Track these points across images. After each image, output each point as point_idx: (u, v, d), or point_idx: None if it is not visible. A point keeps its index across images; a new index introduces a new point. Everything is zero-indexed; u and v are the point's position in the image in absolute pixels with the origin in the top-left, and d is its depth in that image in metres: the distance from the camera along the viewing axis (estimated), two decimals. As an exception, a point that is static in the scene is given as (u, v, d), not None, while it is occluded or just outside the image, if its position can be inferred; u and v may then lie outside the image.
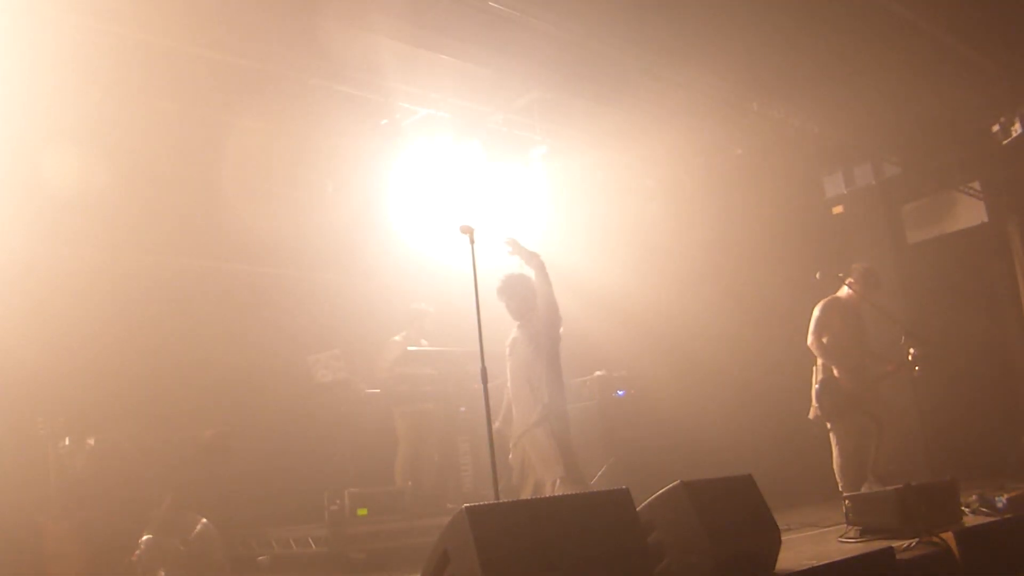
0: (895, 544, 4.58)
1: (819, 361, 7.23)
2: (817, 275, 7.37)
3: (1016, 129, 9.30)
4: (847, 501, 5.57)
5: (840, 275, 7.35)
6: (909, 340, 6.99)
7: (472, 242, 5.58)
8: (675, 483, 3.83)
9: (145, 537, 6.31)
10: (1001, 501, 5.71)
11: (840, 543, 5.07)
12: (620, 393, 9.04)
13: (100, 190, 7.34)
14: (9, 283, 6.89)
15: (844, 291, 7.32)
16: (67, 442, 6.70)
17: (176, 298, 8.11)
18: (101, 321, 7.43)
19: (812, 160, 10.45)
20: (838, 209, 11.36)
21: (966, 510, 5.72)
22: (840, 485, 7.01)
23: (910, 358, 6.91)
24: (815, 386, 7.18)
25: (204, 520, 6.69)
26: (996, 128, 9.54)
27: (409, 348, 8.16)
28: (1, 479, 6.36)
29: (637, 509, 3.66)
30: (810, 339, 7.23)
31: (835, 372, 7.06)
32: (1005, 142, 9.47)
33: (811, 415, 7.24)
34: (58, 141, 7.00)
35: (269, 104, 7.80)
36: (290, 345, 8.46)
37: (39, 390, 6.81)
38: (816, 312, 7.27)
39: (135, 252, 8.01)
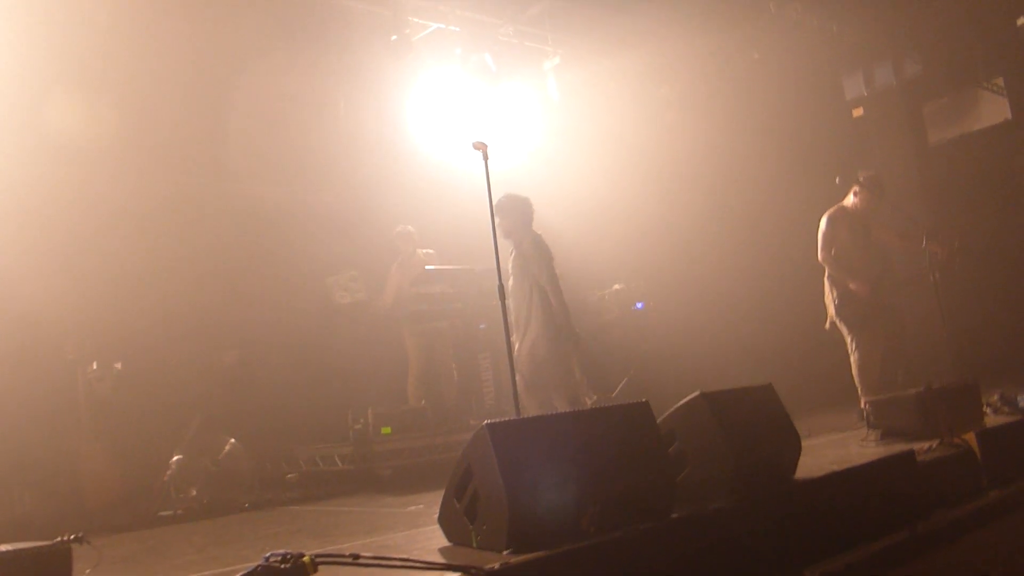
0: (916, 447, 4.60)
1: (828, 272, 7.15)
2: (837, 180, 7.23)
3: (1042, 22, 8.99)
4: (867, 405, 5.58)
5: (859, 176, 7.20)
6: (931, 242, 6.89)
7: (485, 158, 5.49)
8: (695, 393, 3.84)
9: (176, 457, 6.47)
10: (1023, 399, 5.70)
11: (861, 447, 5.11)
12: (639, 306, 9.04)
13: (122, 118, 7.30)
14: (37, 211, 6.90)
15: (850, 200, 7.17)
16: (95, 366, 6.82)
17: (197, 222, 8.11)
18: (125, 247, 7.47)
19: (831, 62, 10.19)
20: (858, 111, 11.11)
21: (988, 410, 5.72)
22: (860, 390, 7.03)
23: (931, 260, 6.82)
24: (832, 299, 7.11)
25: (233, 440, 6.84)
26: (1021, 22, 9.20)
27: (428, 268, 8.14)
28: (34, 403, 6.49)
29: (658, 421, 3.68)
30: (820, 254, 7.12)
31: (850, 284, 6.97)
32: (1030, 36, 9.16)
33: (827, 326, 7.21)
34: (78, 73, 6.94)
35: (279, 22, 7.65)
36: (310, 267, 8.48)
37: (67, 316, 6.89)
38: (822, 225, 7.14)
39: (157, 178, 7.99)
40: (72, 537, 2.24)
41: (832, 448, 5.24)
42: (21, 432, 6.34)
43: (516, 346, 6.18)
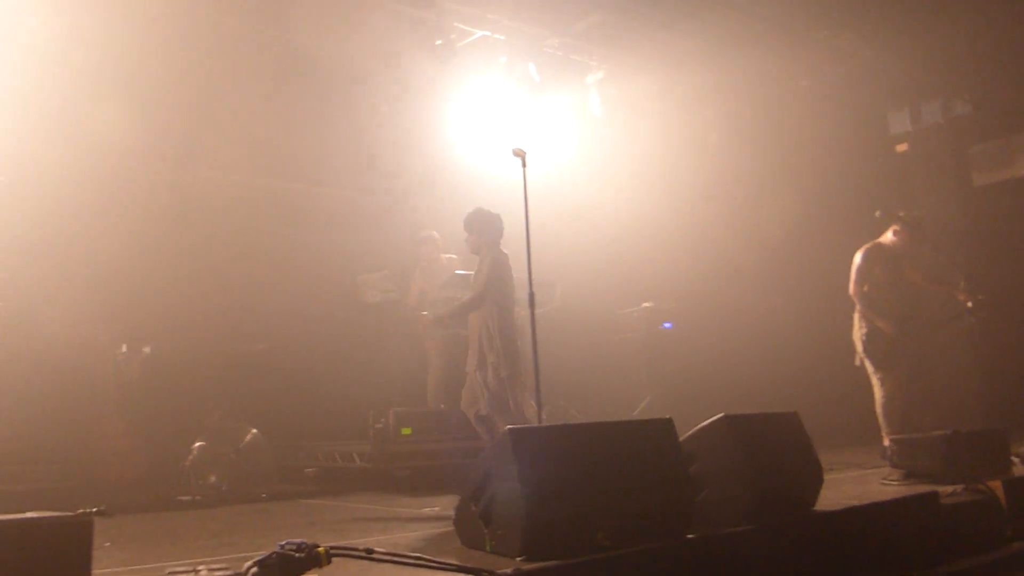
0: (940, 489, 4.53)
1: (858, 307, 7.06)
2: (877, 214, 7.15)
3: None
4: (891, 444, 5.50)
5: (900, 214, 7.12)
6: (969, 286, 6.80)
7: (524, 165, 5.52)
8: (719, 415, 3.82)
9: (198, 443, 6.53)
10: (1054, 452, 5.59)
11: (882, 484, 5.04)
12: (667, 325, 9.01)
13: (162, 108, 7.41)
14: (75, 201, 7.03)
15: (888, 237, 7.09)
16: (124, 349, 6.94)
17: (231, 216, 8.22)
18: (159, 236, 7.59)
19: (878, 95, 10.10)
20: (902, 147, 10.98)
21: (1016, 460, 5.62)
22: (883, 429, 6.94)
23: (969, 305, 6.72)
24: (860, 335, 7.03)
25: (254, 430, 6.89)
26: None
27: (457, 272, 8.17)
28: (64, 382, 6.60)
29: (680, 440, 3.66)
30: (851, 287, 7.04)
31: (877, 322, 6.89)
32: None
33: (856, 362, 7.13)
34: (114, 68, 7.06)
35: (324, 22, 7.73)
36: (341, 264, 8.54)
37: (99, 299, 7.02)
38: (857, 259, 7.05)
39: (192, 171, 8.11)
40: (95, 510, 2.27)
41: (853, 484, 5.18)
42: (51, 409, 6.46)
43: (487, 361, 6.20)
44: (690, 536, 3.35)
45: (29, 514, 2.26)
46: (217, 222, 8.09)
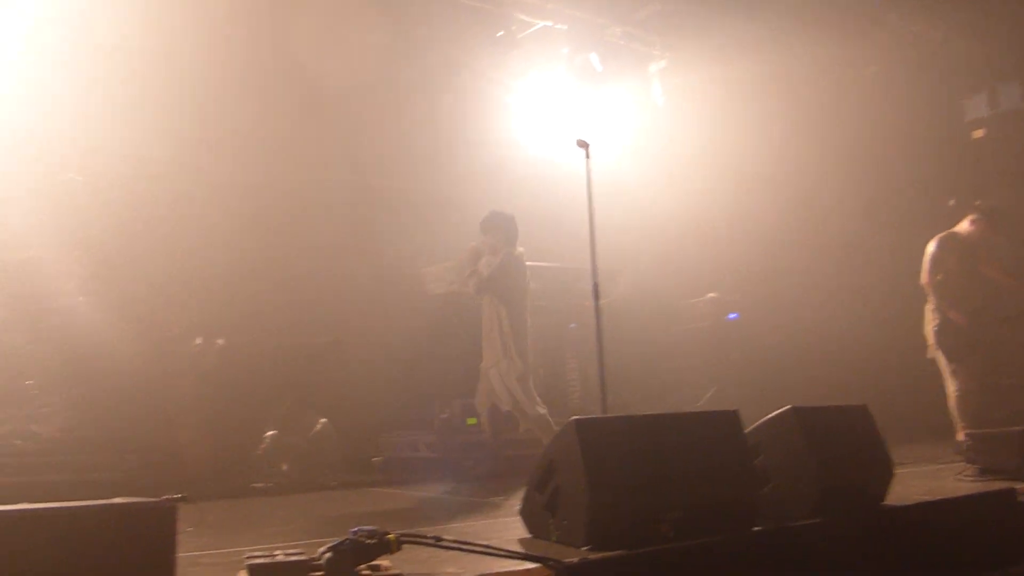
0: (1017, 486, 4.41)
1: (930, 298, 6.88)
2: (951, 203, 6.97)
3: None
4: (967, 439, 5.37)
5: (977, 203, 6.91)
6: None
7: (587, 156, 5.52)
8: (786, 407, 3.78)
9: (270, 432, 6.71)
10: None
11: (957, 480, 4.92)
12: (733, 316, 8.91)
13: (234, 104, 7.59)
14: (151, 194, 7.26)
15: (964, 226, 6.87)
16: (199, 341, 7.15)
17: (300, 210, 8.39)
18: (231, 231, 7.79)
19: (953, 79, 9.78)
20: (979, 133, 10.62)
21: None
22: (957, 423, 6.76)
23: None
24: (932, 328, 6.86)
25: (323, 420, 7.05)
26: None
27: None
28: (140, 373, 6.83)
29: (745, 432, 3.64)
30: (924, 277, 6.85)
31: (949, 313, 6.70)
32: None
33: (929, 355, 6.96)
34: (196, 52, 7.26)
35: (390, 15, 7.82)
36: (407, 255, 8.65)
37: (175, 293, 7.25)
38: (931, 248, 6.84)
39: (265, 164, 8.30)
40: (178, 497, 2.37)
41: (925, 479, 5.07)
42: (130, 399, 6.70)
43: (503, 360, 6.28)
44: (756, 529, 3.34)
45: (116, 500, 2.37)
46: (288, 217, 8.26)
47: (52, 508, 2.19)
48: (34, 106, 6.69)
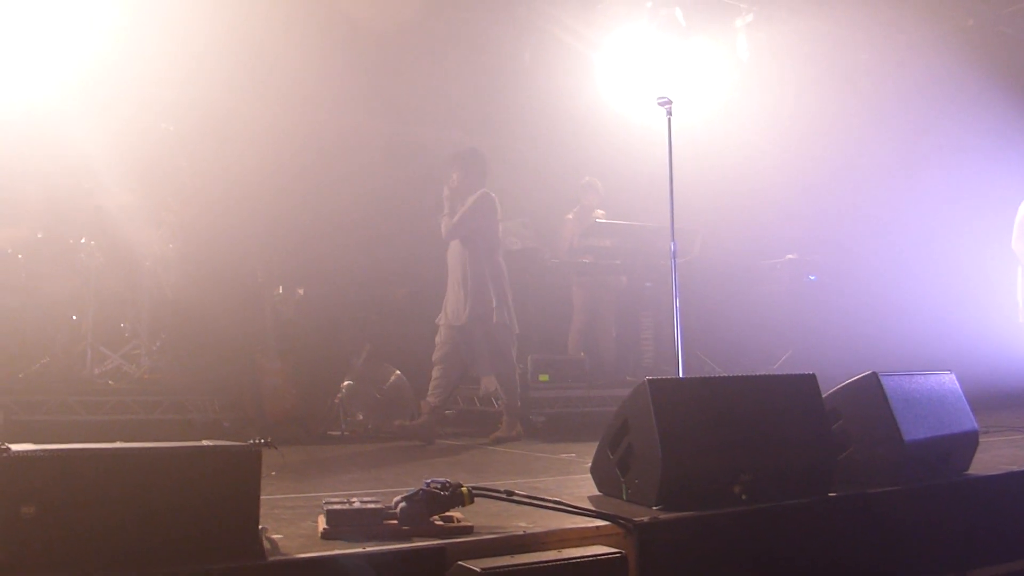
0: (1111, 458, 4.25)
1: (1021, 262, 6.60)
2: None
3: None
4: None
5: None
6: None
7: (669, 114, 5.42)
8: (867, 372, 3.71)
9: (346, 383, 6.87)
10: None
11: (1046, 450, 4.77)
12: (812, 278, 8.70)
13: (319, 58, 7.67)
14: (236, 146, 7.43)
15: None
16: (280, 290, 7.35)
17: (380, 164, 8.49)
18: (314, 188, 7.95)
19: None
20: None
21: None
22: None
23: None
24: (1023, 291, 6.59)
25: (398, 372, 7.18)
26: None
27: (599, 221, 8.16)
28: (226, 321, 7.05)
29: (823, 396, 3.58)
30: (1014, 242, 6.58)
31: None
32: None
33: (1020, 318, 6.70)
34: (279, 24, 7.34)
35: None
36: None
37: (259, 244, 7.44)
38: (1022, 212, 6.57)
39: (350, 118, 8.39)
40: (263, 441, 2.46)
41: (1013, 447, 4.92)
42: (215, 346, 6.94)
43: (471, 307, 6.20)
44: (832, 494, 3.30)
45: (204, 442, 2.47)
46: (364, 172, 8.37)
47: (148, 448, 2.30)
48: (132, 61, 6.89)
